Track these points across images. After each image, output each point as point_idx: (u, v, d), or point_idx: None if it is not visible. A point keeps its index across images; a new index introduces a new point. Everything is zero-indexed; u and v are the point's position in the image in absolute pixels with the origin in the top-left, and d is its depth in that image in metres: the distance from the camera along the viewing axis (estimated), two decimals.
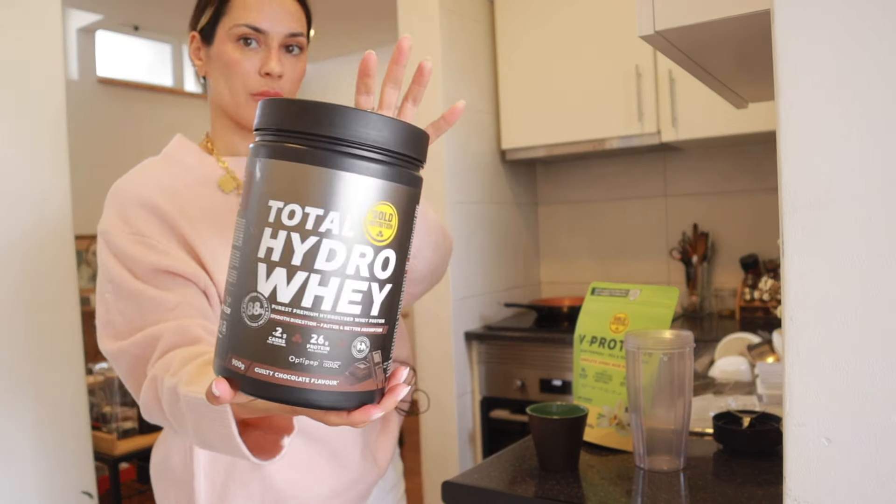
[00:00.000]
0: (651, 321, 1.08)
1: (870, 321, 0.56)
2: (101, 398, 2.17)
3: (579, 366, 1.15)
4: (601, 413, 1.09)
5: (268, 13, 0.94)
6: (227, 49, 0.95)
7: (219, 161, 1.00)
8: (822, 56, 0.58)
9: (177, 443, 0.96)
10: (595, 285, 1.20)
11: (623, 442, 1.06)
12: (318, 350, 0.51)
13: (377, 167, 0.51)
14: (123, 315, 0.87)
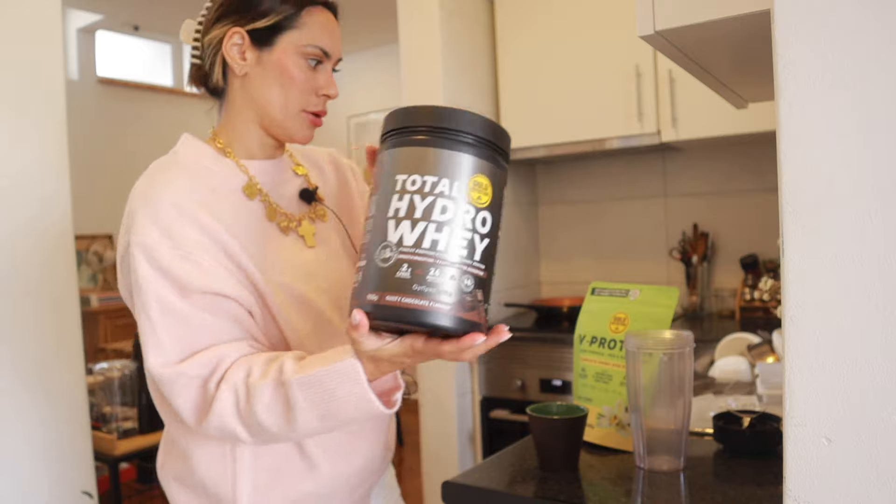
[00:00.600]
0: (651, 321, 1.08)
1: (870, 321, 0.56)
2: (101, 398, 2.17)
3: (579, 366, 1.15)
4: (601, 413, 1.09)
5: (332, 37, 0.97)
6: (290, 63, 0.94)
7: (238, 165, 0.98)
8: (821, 56, 0.58)
9: (207, 451, 0.94)
10: (595, 285, 1.20)
11: (623, 442, 1.06)
12: (435, 280, 0.67)
13: (475, 149, 0.72)
14: (171, 335, 0.85)
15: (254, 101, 0.97)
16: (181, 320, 0.85)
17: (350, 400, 0.79)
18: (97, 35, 4.69)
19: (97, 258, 4.39)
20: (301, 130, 0.98)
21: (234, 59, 0.95)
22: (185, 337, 0.85)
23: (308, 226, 1.00)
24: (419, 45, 2.44)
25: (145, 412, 2.18)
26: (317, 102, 0.97)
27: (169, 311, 0.85)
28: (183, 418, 0.87)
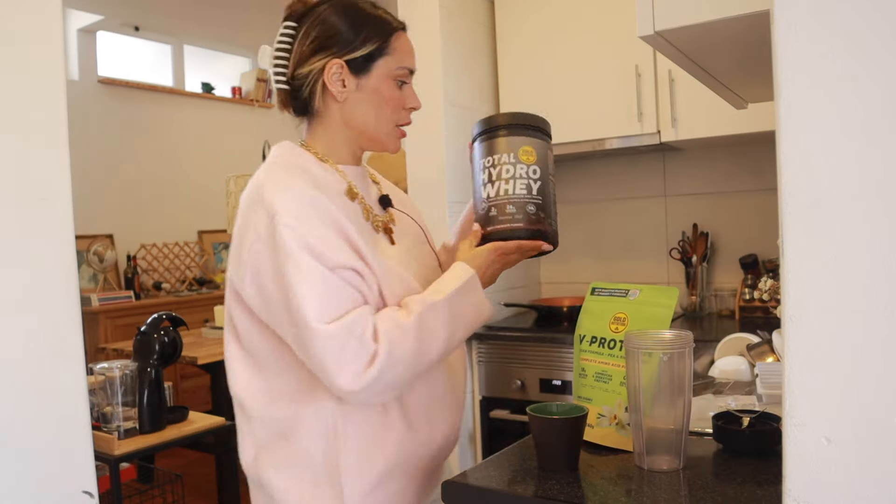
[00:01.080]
0: (651, 321, 1.08)
1: (870, 321, 0.56)
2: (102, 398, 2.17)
3: (579, 366, 1.15)
4: (601, 413, 1.09)
5: (413, 56, 1.13)
6: (385, 86, 1.08)
7: (337, 171, 1.11)
8: (821, 56, 0.58)
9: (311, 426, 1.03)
10: (595, 285, 1.20)
11: (623, 442, 1.06)
12: (511, 211, 1.12)
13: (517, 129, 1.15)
14: (324, 299, 0.95)
15: (351, 120, 1.10)
16: (329, 287, 0.96)
17: (471, 310, 1.07)
18: (98, 35, 4.69)
19: (97, 258, 4.39)
20: (393, 143, 1.13)
21: (335, 87, 1.07)
22: (335, 300, 0.96)
23: (388, 227, 1.15)
24: (419, 45, 2.43)
25: (146, 412, 2.18)
26: (405, 116, 1.12)
27: (320, 279, 0.96)
28: (330, 372, 0.95)
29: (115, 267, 4.58)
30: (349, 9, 1.08)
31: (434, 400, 1.12)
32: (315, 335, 0.94)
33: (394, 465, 1.07)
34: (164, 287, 4.67)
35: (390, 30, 1.09)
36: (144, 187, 4.82)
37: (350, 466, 1.03)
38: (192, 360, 3.05)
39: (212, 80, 5.42)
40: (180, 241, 4.97)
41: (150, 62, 5.17)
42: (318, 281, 0.95)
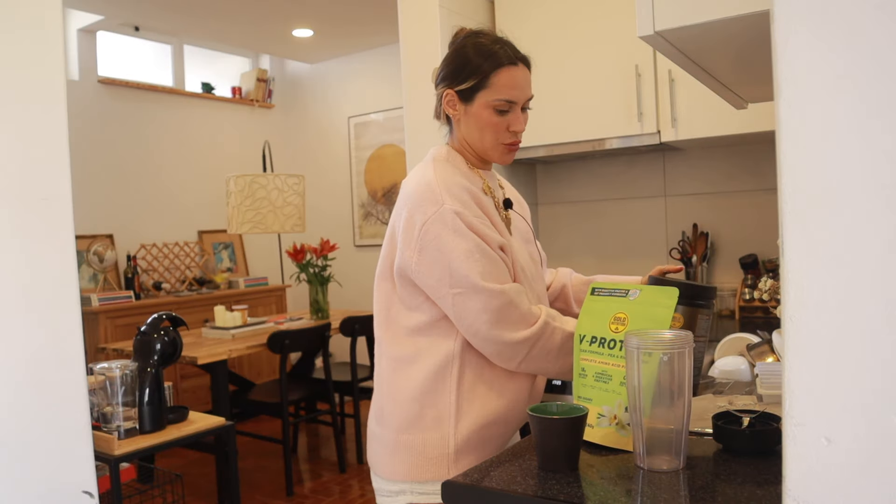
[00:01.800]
0: (651, 321, 1.08)
1: (870, 321, 0.56)
2: (102, 398, 2.17)
3: (579, 366, 1.15)
4: (601, 413, 1.09)
5: (517, 87, 1.31)
6: (486, 114, 1.30)
7: (475, 171, 1.36)
8: (821, 56, 0.58)
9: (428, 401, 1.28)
10: (595, 285, 1.20)
11: (623, 442, 1.06)
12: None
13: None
14: (486, 270, 1.22)
15: (466, 136, 1.35)
16: (493, 262, 1.24)
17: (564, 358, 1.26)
18: (98, 35, 4.69)
19: (98, 258, 4.39)
20: (500, 157, 1.35)
21: (449, 111, 1.35)
22: (496, 273, 1.23)
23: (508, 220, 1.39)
24: (419, 45, 2.44)
25: (146, 412, 2.18)
26: (508, 136, 1.33)
27: (486, 254, 1.23)
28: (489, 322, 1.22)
29: (115, 267, 4.58)
30: (468, 48, 1.32)
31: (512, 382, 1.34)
32: (483, 292, 1.20)
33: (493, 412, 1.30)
34: (164, 287, 4.67)
35: (492, 66, 1.29)
36: (144, 187, 4.82)
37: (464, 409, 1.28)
38: (192, 360, 3.05)
39: (212, 80, 5.42)
40: (180, 241, 4.97)
41: (150, 62, 5.17)
42: (482, 254, 1.22)
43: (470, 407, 1.27)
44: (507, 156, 1.36)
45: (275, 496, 3.35)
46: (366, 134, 5.31)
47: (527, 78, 1.35)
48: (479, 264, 1.22)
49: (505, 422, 1.30)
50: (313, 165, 5.56)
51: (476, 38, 1.33)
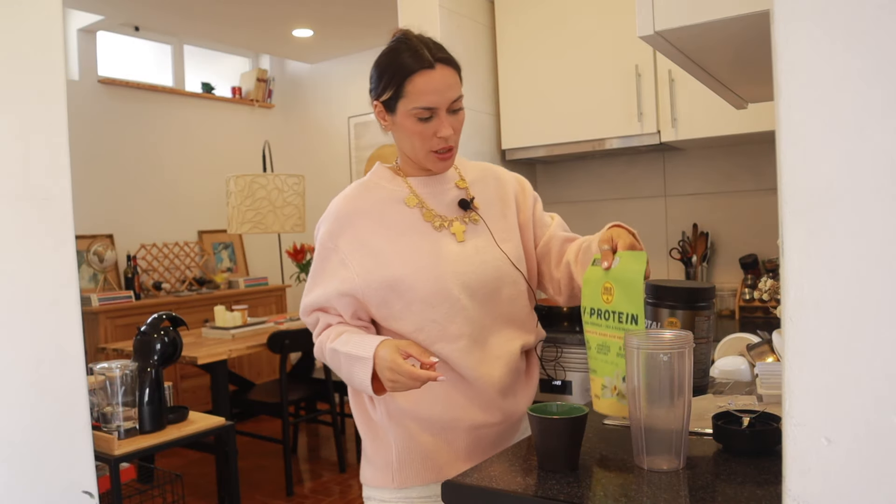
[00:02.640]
0: (627, 288, 1.09)
1: (869, 321, 0.56)
2: (102, 398, 2.17)
3: (587, 338, 1.17)
4: (604, 384, 1.11)
5: (434, 92, 1.22)
6: (408, 123, 1.25)
7: (405, 182, 1.33)
8: (821, 56, 0.58)
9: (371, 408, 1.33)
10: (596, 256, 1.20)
11: (625, 410, 1.07)
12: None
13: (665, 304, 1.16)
14: (306, 299, 1.32)
15: (400, 146, 1.32)
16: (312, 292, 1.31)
17: (358, 379, 1.21)
18: (98, 35, 4.69)
19: (98, 258, 4.39)
20: (433, 165, 1.30)
21: (380, 122, 1.32)
22: (312, 302, 1.31)
23: (459, 226, 1.31)
24: None
25: (146, 412, 2.18)
26: (437, 143, 1.26)
27: (309, 285, 1.32)
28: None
29: (115, 267, 4.58)
30: (381, 58, 1.28)
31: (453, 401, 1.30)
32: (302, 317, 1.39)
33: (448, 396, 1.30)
34: (164, 287, 4.67)
35: (405, 74, 1.23)
36: (144, 187, 4.82)
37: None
38: (192, 360, 3.05)
39: (212, 80, 5.42)
40: (180, 241, 4.97)
41: (150, 62, 5.17)
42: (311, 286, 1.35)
43: (402, 416, 1.28)
44: (440, 163, 1.29)
45: (275, 496, 3.35)
46: (366, 134, 5.31)
47: (446, 80, 1.24)
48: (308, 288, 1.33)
49: (443, 429, 1.28)
50: (313, 165, 5.56)
51: (395, 44, 1.27)
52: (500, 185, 1.42)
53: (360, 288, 1.26)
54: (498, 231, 1.35)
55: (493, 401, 1.30)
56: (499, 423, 1.31)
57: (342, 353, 1.24)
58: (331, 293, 1.28)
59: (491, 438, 1.32)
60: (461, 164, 1.42)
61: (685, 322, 1.25)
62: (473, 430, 1.29)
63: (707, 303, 1.29)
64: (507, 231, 1.37)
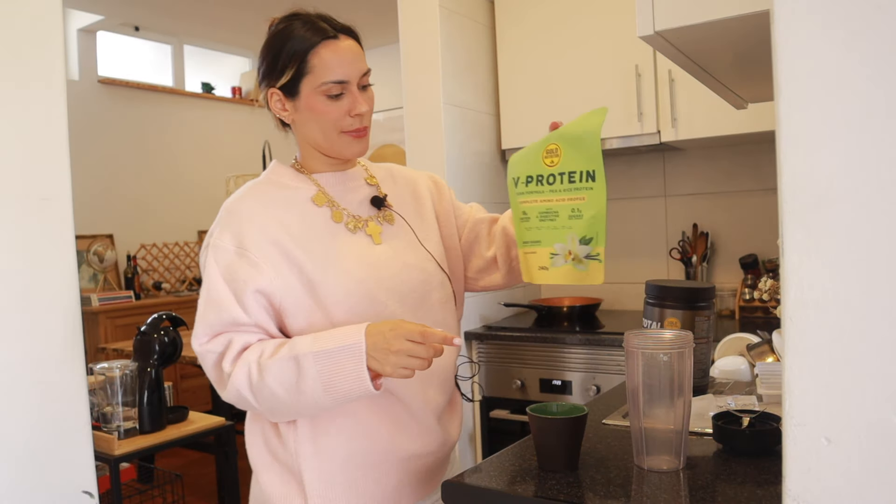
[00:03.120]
0: (580, 142, 1.01)
1: (869, 321, 0.56)
2: (102, 398, 2.17)
3: (519, 210, 1.08)
4: (554, 252, 1.05)
5: (343, 63, 1.09)
6: (317, 103, 1.10)
7: (311, 179, 1.18)
8: (822, 56, 0.58)
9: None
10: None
11: (582, 276, 1.03)
12: None
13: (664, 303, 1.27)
14: (206, 319, 1.07)
15: (305, 137, 1.16)
16: (219, 309, 1.06)
17: (348, 375, 0.99)
18: (98, 35, 4.69)
19: (98, 258, 4.39)
20: (348, 148, 1.14)
21: (279, 113, 1.15)
22: (217, 322, 1.06)
23: (375, 226, 1.17)
24: (419, 45, 2.44)
25: (146, 412, 2.18)
26: (352, 122, 1.12)
27: (210, 300, 1.07)
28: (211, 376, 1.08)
29: (115, 267, 4.58)
30: (273, 38, 1.12)
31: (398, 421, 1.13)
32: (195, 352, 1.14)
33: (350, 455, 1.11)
34: (164, 287, 4.67)
35: (308, 46, 1.09)
36: (144, 187, 4.82)
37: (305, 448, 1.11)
38: (192, 360, 3.05)
39: (212, 80, 5.42)
40: (180, 241, 4.97)
41: (150, 62, 5.17)
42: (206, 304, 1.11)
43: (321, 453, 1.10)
44: (355, 145, 1.14)
45: None
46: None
47: (354, 50, 1.11)
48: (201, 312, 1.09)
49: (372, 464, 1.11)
50: None
51: (284, 22, 1.12)
52: (410, 183, 1.29)
53: (279, 290, 1.06)
54: (418, 230, 1.22)
55: (429, 425, 1.14)
56: (434, 451, 1.17)
57: (308, 355, 0.99)
58: (245, 298, 1.05)
59: (425, 471, 1.17)
60: (366, 163, 1.29)
61: (685, 322, 1.25)
62: (407, 462, 1.13)
63: (707, 303, 1.29)
64: (426, 230, 1.24)
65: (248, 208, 1.11)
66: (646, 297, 1.34)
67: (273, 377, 1.01)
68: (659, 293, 1.30)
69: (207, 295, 1.08)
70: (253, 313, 1.06)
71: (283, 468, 1.11)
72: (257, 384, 1.02)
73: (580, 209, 1.02)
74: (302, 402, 1.02)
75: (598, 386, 2.22)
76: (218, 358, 1.06)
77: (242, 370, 1.03)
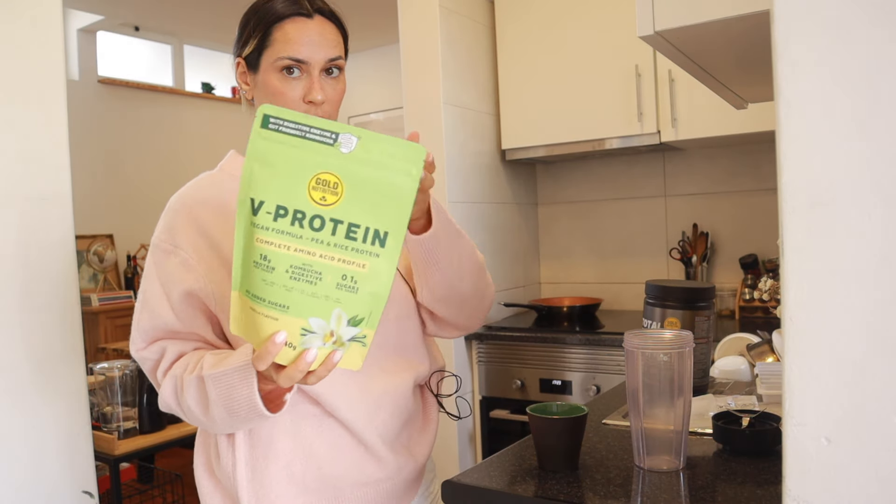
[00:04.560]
0: (383, 196, 0.71)
1: (869, 321, 0.56)
2: (102, 398, 2.17)
3: (254, 250, 0.72)
4: (308, 329, 0.74)
5: (307, 43, 1.00)
6: (271, 79, 1.01)
7: None
8: (821, 56, 0.58)
9: (222, 441, 1.04)
10: (269, 111, 0.72)
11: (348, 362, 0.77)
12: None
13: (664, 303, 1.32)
14: (141, 325, 1.02)
15: None
16: (154, 315, 1.00)
17: (241, 401, 0.89)
18: (98, 35, 4.69)
19: (98, 258, 4.39)
20: None
21: (241, 86, 1.08)
22: (150, 328, 1.01)
23: None
24: (419, 45, 2.44)
25: (145, 412, 2.18)
26: (305, 109, 1.00)
27: (147, 304, 1.01)
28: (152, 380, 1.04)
29: (115, 267, 4.58)
30: (250, 7, 1.06)
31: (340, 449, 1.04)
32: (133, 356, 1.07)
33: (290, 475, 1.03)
34: None
35: (274, 19, 1.01)
36: (144, 187, 4.82)
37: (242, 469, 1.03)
38: None
39: (212, 80, 5.42)
40: None
41: (150, 62, 5.17)
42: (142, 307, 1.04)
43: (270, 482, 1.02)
44: None
45: None
46: None
47: (325, 34, 1.01)
48: (137, 316, 1.02)
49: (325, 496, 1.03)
50: None
51: None
52: None
53: (212, 293, 0.98)
54: None
55: (378, 450, 1.04)
56: (390, 477, 1.06)
57: (211, 376, 0.90)
58: (178, 302, 0.98)
59: (381, 498, 1.06)
60: None
61: (685, 322, 1.25)
62: (362, 488, 1.04)
63: (707, 303, 1.29)
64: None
65: (186, 203, 1.03)
66: (646, 297, 1.34)
67: (190, 395, 0.95)
68: (659, 293, 1.30)
69: (143, 297, 1.02)
70: (186, 319, 0.99)
71: (224, 494, 1.04)
72: (181, 399, 0.97)
73: (356, 279, 0.72)
74: (217, 423, 0.95)
75: (598, 386, 2.22)
76: (153, 365, 1.02)
77: (169, 384, 0.98)
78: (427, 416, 1.17)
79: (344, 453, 1.03)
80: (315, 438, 1.02)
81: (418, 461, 1.11)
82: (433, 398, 1.19)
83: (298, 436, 1.01)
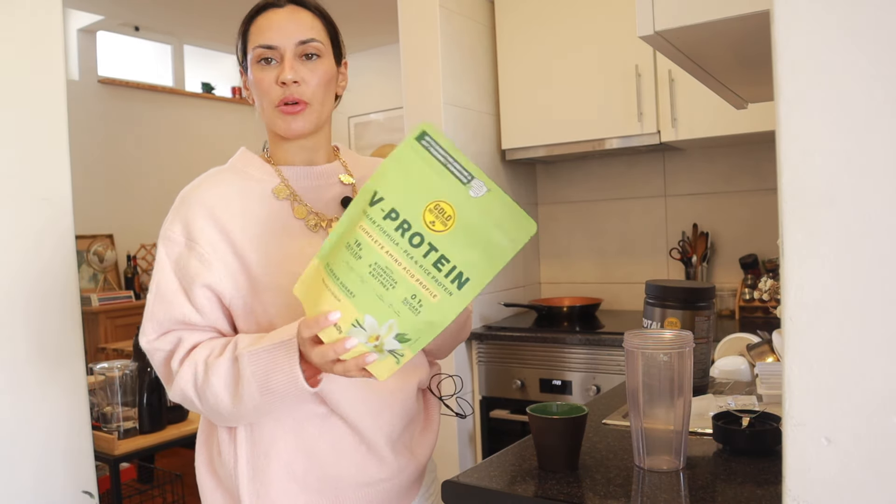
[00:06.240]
0: (483, 249, 0.77)
1: (869, 321, 0.56)
2: (102, 398, 2.17)
3: (352, 234, 0.78)
4: (359, 322, 0.79)
5: (276, 29, 1.03)
6: (255, 73, 1.06)
7: (276, 171, 1.10)
8: (821, 56, 0.58)
9: (224, 439, 1.04)
10: (427, 129, 0.79)
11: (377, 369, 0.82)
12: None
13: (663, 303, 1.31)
14: (155, 316, 1.01)
15: (260, 116, 1.10)
16: (169, 305, 1.00)
17: (282, 377, 0.91)
18: (98, 35, 4.69)
19: (98, 258, 4.39)
20: (279, 124, 1.06)
21: (245, 91, 1.13)
22: (166, 319, 1.00)
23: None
24: (419, 45, 2.43)
25: (146, 412, 2.18)
26: (280, 93, 1.03)
27: (160, 295, 1.01)
28: (160, 373, 1.03)
29: (115, 267, 4.58)
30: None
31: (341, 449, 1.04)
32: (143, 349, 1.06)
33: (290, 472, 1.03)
34: None
35: (248, 18, 1.08)
36: (144, 187, 4.82)
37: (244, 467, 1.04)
38: None
39: (212, 80, 5.42)
40: None
41: (150, 62, 5.17)
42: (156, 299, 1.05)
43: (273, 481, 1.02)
44: (288, 121, 1.04)
45: None
46: (366, 134, 5.31)
47: (295, 19, 1.04)
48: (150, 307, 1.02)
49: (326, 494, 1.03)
50: None
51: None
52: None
53: (228, 289, 1.00)
54: None
55: (380, 450, 1.05)
56: (391, 477, 1.07)
57: (251, 352, 0.92)
58: (195, 294, 0.99)
59: (381, 498, 1.07)
60: (351, 158, 1.19)
61: (685, 322, 1.25)
62: (363, 488, 1.04)
63: (707, 303, 1.29)
64: None
65: (200, 198, 1.03)
66: (646, 297, 1.34)
67: (218, 377, 0.95)
68: (659, 293, 1.30)
69: (157, 289, 1.01)
70: (205, 312, 1.00)
71: (225, 492, 1.04)
72: (202, 384, 0.96)
73: (423, 303, 0.77)
74: (242, 406, 0.95)
75: (598, 386, 2.22)
76: (167, 355, 1.01)
77: (189, 369, 0.97)
78: (429, 418, 1.19)
79: (346, 453, 1.03)
80: (317, 438, 1.02)
81: (420, 462, 1.12)
82: (435, 400, 1.20)
83: (301, 435, 1.01)
